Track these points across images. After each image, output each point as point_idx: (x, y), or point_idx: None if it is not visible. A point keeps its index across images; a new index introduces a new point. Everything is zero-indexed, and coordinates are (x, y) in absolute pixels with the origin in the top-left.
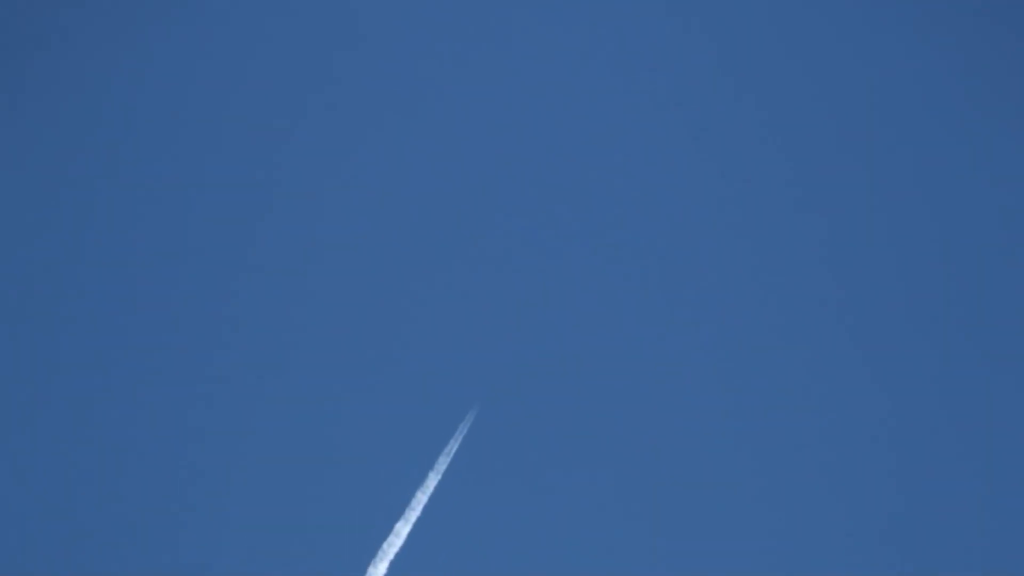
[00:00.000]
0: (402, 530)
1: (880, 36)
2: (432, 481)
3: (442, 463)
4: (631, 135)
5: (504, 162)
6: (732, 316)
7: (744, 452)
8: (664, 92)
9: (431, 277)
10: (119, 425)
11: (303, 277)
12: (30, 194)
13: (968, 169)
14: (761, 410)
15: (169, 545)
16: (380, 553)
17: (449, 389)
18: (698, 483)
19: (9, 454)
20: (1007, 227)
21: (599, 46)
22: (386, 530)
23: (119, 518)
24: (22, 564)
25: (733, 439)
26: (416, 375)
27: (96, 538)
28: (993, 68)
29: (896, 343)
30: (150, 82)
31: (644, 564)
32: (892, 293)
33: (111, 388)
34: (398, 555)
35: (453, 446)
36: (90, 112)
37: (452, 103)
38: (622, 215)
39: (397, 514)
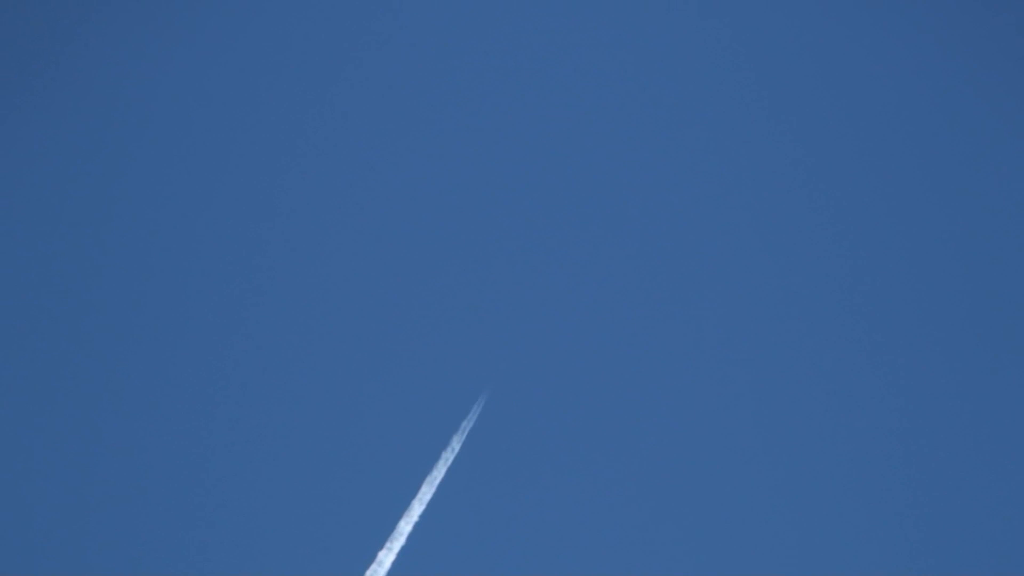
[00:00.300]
0: (413, 515)
1: (885, 35)
2: (442, 468)
3: (453, 449)
4: (637, 132)
5: (520, 156)
6: (741, 308)
7: (756, 442)
8: (672, 93)
9: (442, 268)
10: (122, 423)
11: (316, 270)
12: (42, 196)
13: (971, 168)
14: (773, 402)
15: (188, 535)
16: (389, 541)
17: (459, 376)
18: (705, 477)
19: (11, 454)
20: (1010, 225)
21: (604, 46)
22: (395, 519)
23: (121, 517)
24: (24, 564)
25: (746, 430)
26: (426, 362)
27: (97, 538)
28: (996, 67)
29: (898, 342)
30: (159, 85)
31: (654, 556)
32: (895, 292)
33: (115, 386)
34: (405, 546)
35: (466, 427)
36: (94, 114)
37: (465, 99)
38: (631, 211)
39: (407, 502)
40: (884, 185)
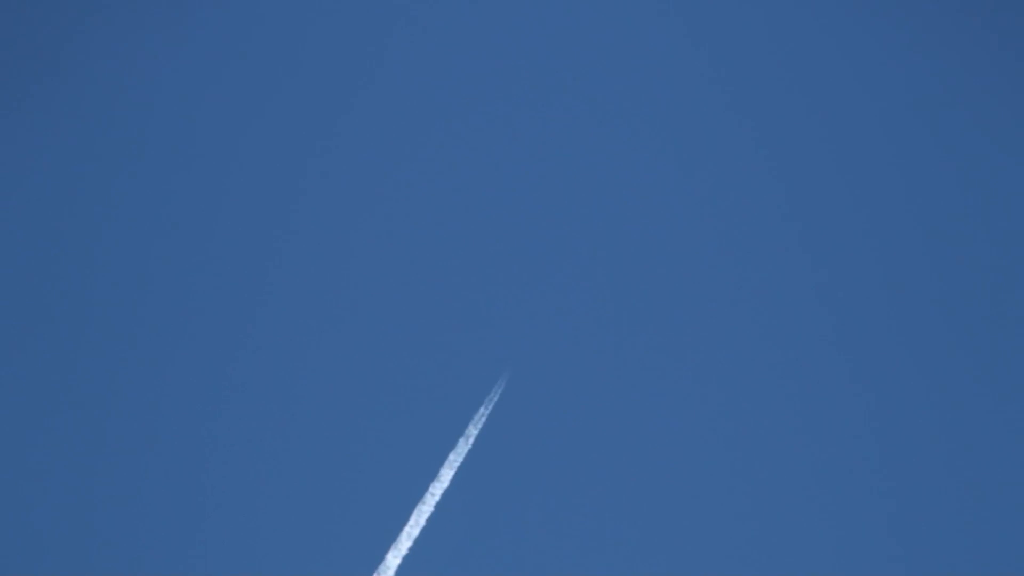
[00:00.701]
0: (402, 548)
1: (877, 42)
2: (431, 502)
3: (442, 482)
4: (659, 124)
5: (539, 150)
6: (765, 303)
7: (779, 440)
8: (676, 99)
9: (459, 256)
10: (126, 423)
11: (336, 255)
12: (44, 195)
13: (958, 173)
14: (796, 400)
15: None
16: (376, 574)
17: (449, 409)
18: (730, 474)
19: (12, 454)
20: (998, 231)
21: (602, 48)
22: (382, 551)
23: (120, 519)
24: (23, 564)
25: (772, 424)
26: (446, 346)
27: (100, 537)
28: (985, 74)
29: (888, 348)
30: (167, 86)
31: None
32: (883, 298)
33: (123, 388)
34: (424, 529)
35: (455, 461)
36: (96, 115)
37: (492, 103)
38: (643, 210)
39: (395, 535)
40: (881, 189)
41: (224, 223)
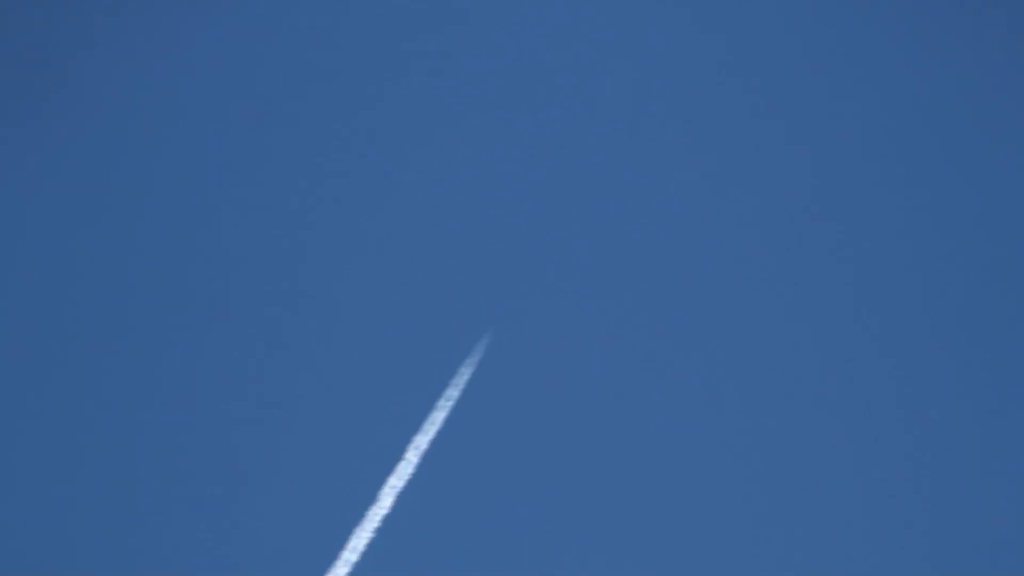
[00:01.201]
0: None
1: (882, 41)
2: (403, 472)
3: (411, 458)
4: (645, 125)
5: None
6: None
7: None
8: (676, 92)
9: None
10: (111, 412)
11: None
12: (45, 194)
13: (972, 170)
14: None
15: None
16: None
17: (463, 310)
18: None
19: (15, 454)
20: (1000, 230)
21: (606, 45)
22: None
23: (115, 511)
24: (24, 565)
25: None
26: (431, 293)
27: (90, 533)
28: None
29: (892, 348)
30: (166, 84)
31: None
32: (887, 298)
33: (103, 376)
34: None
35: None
36: (98, 111)
37: (483, 87)
38: (641, 210)
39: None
40: (891, 188)
41: (204, 203)
